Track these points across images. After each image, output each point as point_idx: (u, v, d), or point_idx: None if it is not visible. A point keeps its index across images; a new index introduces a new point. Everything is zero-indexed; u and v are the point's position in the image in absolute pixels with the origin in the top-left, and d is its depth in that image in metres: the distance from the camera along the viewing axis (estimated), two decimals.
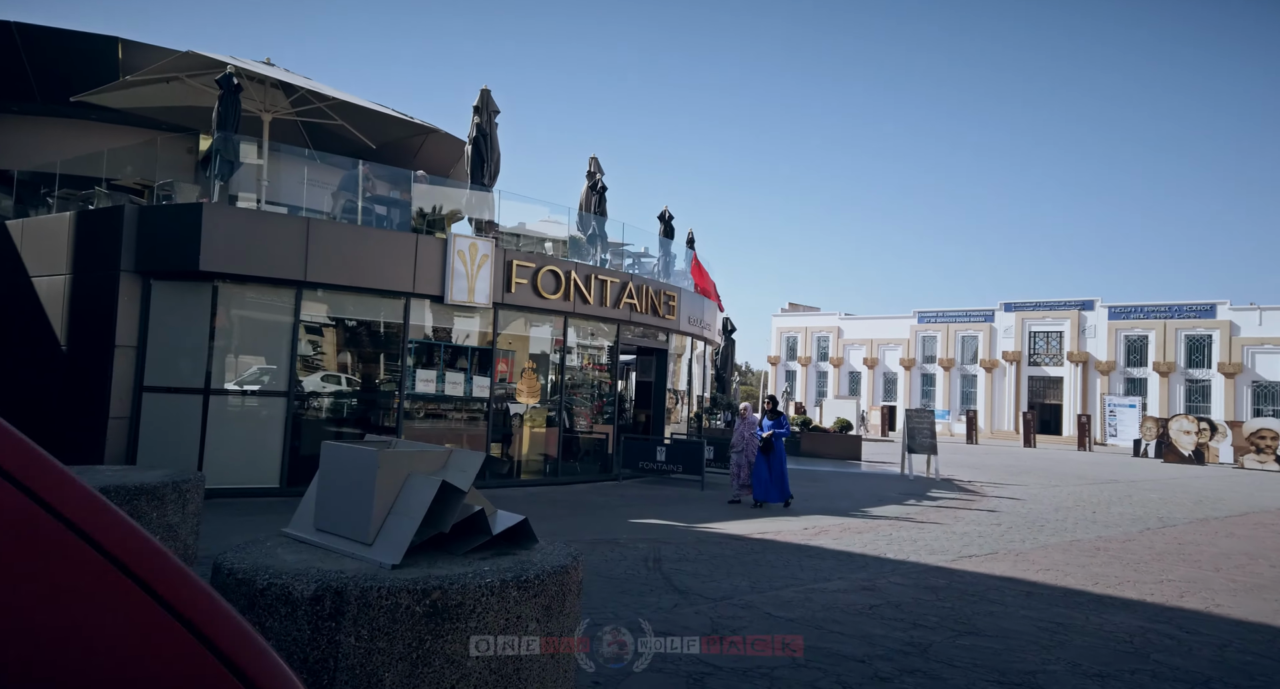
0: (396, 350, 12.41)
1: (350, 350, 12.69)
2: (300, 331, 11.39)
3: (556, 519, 10.18)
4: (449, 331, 13.43)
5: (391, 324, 12.50)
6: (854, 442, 24.01)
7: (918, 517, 11.96)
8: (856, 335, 60.26)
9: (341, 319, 12.47)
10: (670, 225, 18.33)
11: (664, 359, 17.05)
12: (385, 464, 2.85)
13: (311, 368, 11.98)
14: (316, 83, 14.68)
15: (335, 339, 12.35)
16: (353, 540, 2.86)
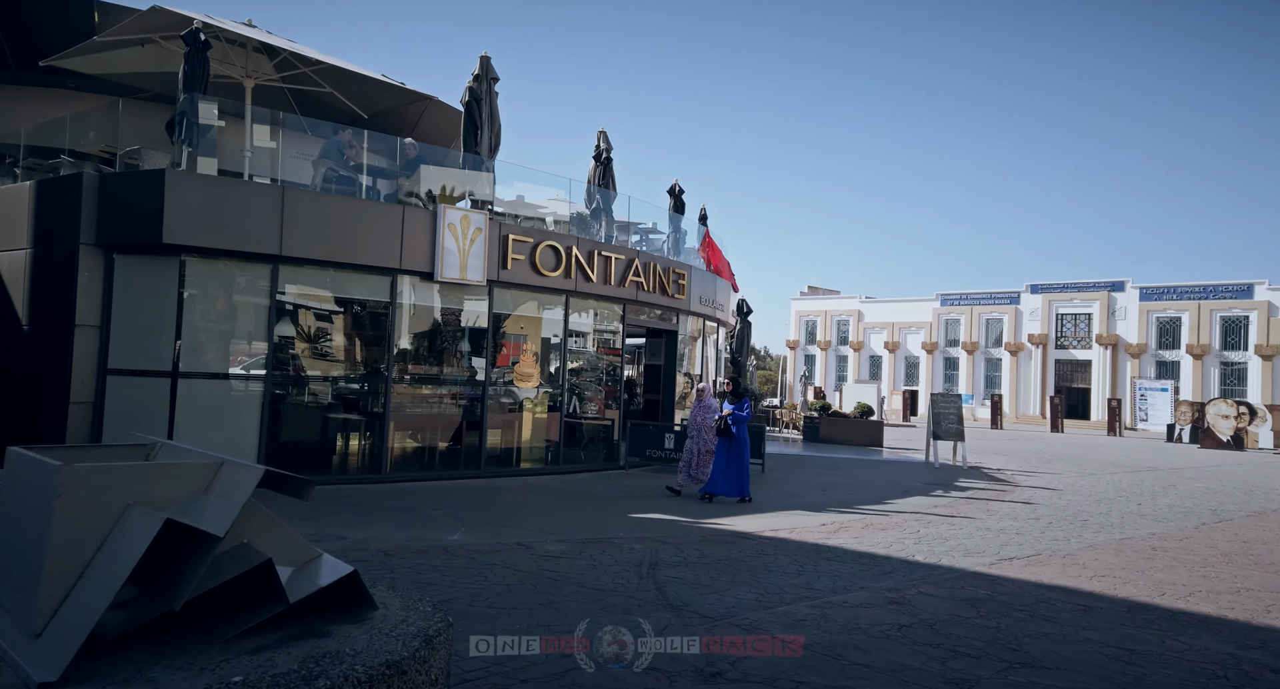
0: (384, 331, 11.54)
1: (334, 331, 11.84)
2: (278, 311, 10.53)
3: (550, 513, 9.29)
4: (440, 311, 12.55)
5: (378, 303, 11.62)
6: (875, 427, 22.97)
7: (947, 510, 10.96)
8: (877, 319, 58.90)
9: (323, 297, 11.61)
10: (681, 200, 17.30)
11: (674, 341, 16.09)
12: (75, 490, 1.69)
13: (291, 350, 11.13)
14: (302, 46, 13.77)
15: (317, 319, 11.50)
16: (17, 627, 1.73)
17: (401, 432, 11.93)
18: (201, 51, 10.41)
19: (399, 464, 11.75)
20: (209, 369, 10.21)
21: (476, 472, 12.19)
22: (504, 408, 13.10)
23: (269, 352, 10.35)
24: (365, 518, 8.42)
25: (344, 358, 11.83)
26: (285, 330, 10.97)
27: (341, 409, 11.52)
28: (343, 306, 11.83)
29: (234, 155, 12.28)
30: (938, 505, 11.43)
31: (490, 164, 13.81)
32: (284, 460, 10.66)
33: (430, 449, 12.35)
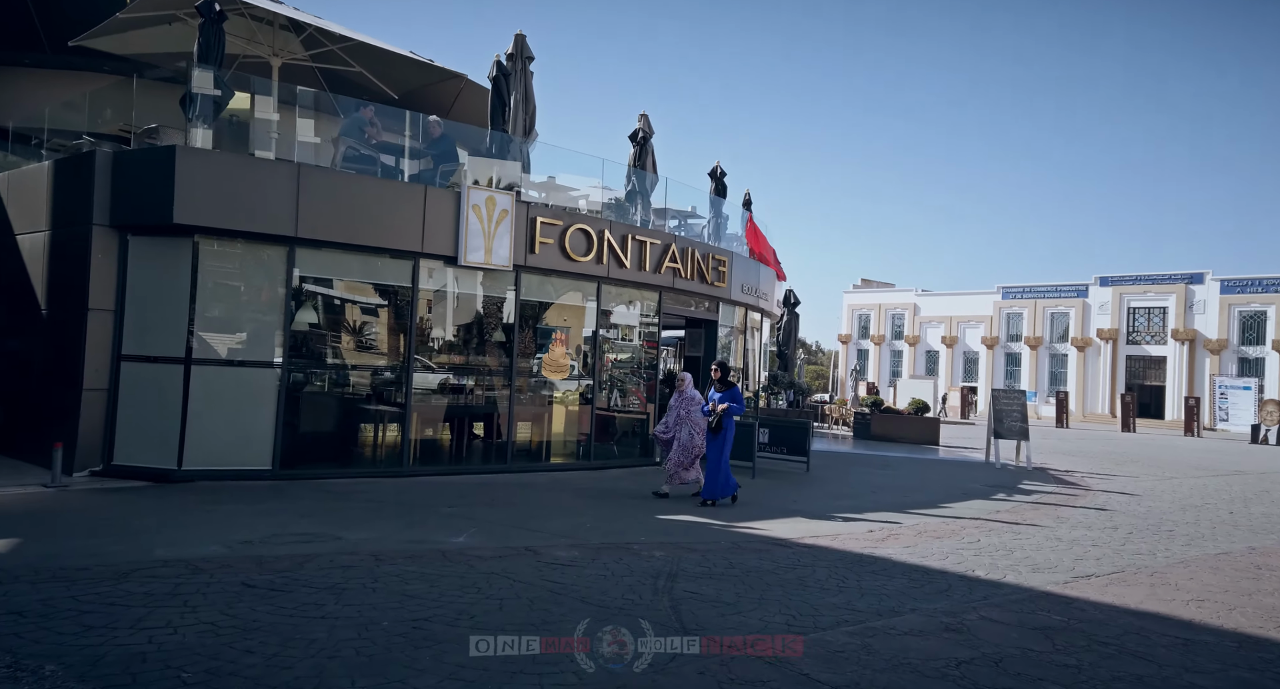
0: (405, 318, 10.98)
1: (353, 317, 11.31)
2: (295, 295, 10.04)
3: (571, 513, 8.59)
4: (464, 297, 11.95)
5: (399, 288, 11.06)
6: (931, 425, 21.76)
7: (1011, 516, 9.93)
8: (934, 312, 56.95)
9: (342, 282, 11.10)
10: (723, 183, 16.42)
11: (714, 331, 15.24)
12: None
13: (308, 336, 10.63)
14: (330, 22, 13.30)
15: (336, 304, 10.98)
16: None
17: (424, 423, 11.38)
18: (216, 23, 9.94)
19: (422, 457, 11.20)
20: (224, 356, 9.76)
21: (503, 466, 11.58)
22: (532, 400, 12.46)
23: (285, 338, 9.86)
24: (374, 515, 7.84)
25: (364, 345, 11.31)
26: (303, 316, 10.48)
27: (362, 399, 11.01)
28: (363, 291, 11.32)
29: (261, 137, 11.89)
30: (1000, 511, 10.39)
31: (526, 145, 13.19)
32: (302, 452, 10.20)
33: (455, 442, 11.78)
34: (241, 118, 11.86)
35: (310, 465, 10.17)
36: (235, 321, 9.95)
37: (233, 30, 12.74)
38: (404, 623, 4.47)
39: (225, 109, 10.65)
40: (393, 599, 4.93)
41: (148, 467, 9.26)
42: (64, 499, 7.96)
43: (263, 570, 5.36)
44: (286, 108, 12.21)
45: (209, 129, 9.89)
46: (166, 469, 9.24)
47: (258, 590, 4.91)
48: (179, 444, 9.30)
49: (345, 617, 4.50)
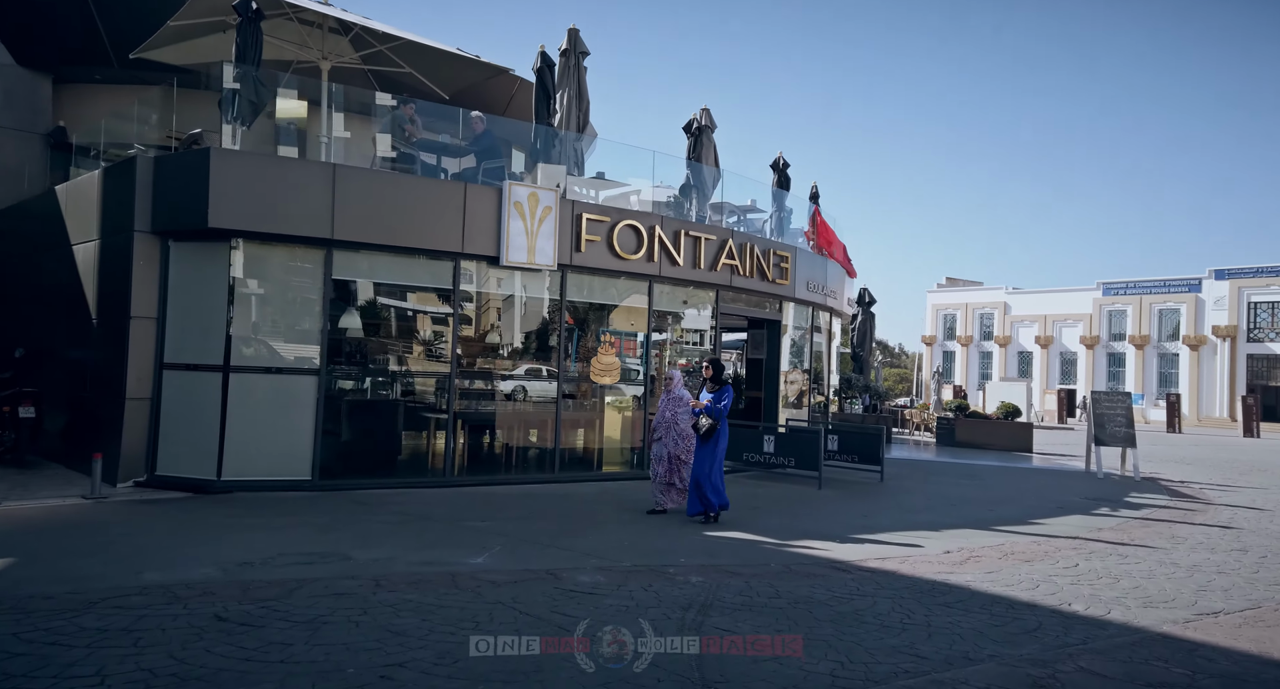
0: (447, 321, 10.52)
1: (392, 321, 10.92)
2: (333, 299, 9.70)
3: (611, 528, 7.87)
4: (508, 299, 11.43)
5: (440, 290, 10.62)
6: (1022, 430, 20.15)
7: (1116, 535, 8.70)
8: (1027, 311, 53.94)
9: (381, 285, 10.72)
10: (786, 175, 15.50)
11: (776, 332, 14.33)
12: None
13: (347, 341, 10.29)
14: (377, 23, 13.06)
15: (374, 308, 10.60)
16: None
17: (468, 431, 10.90)
18: (254, 22, 9.70)
19: (466, 467, 10.72)
20: (262, 363, 9.47)
21: (550, 475, 10.97)
22: (581, 406, 11.83)
23: (324, 344, 9.50)
24: (399, 530, 7.32)
25: (405, 350, 10.91)
26: (341, 321, 10.14)
27: (403, 406, 10.58)
28: (403, 294, 10.93)
29: (312, 142, 11.71)
30: (1103, 528, 9.15)
31: (580, 143, 12.63)
32: (342, 461, 9.84)
33: (501, 450, 11.26)
34: (299, 124, 11.69)
35: (351, 476, 9.78)
36: (273, 327, 9.68)
37: (283, 35, 12.69)
38: (373, 670, 3.85)
39: (275, 112, 10.46)
40: (374, 637, 4.31)
41: (189, 477, 9.04)
42: (94, 512, 7.73)
43: (245, 599, 4.84)
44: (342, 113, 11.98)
45: (246, 130, 9.67)
46: (206, 480, 8.99)
47: (227, 625, 4.38)
48: (218, 454, 9.04)
49: (308, 661, 3.91)
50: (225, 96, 9.62)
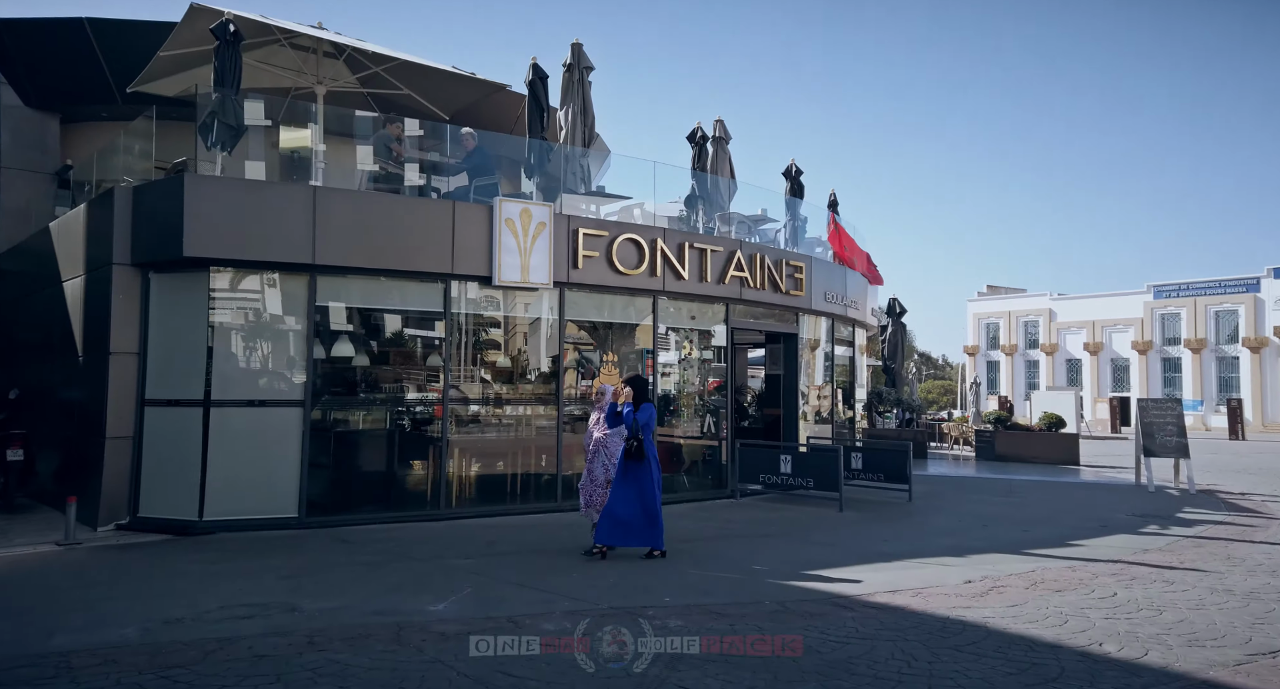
0: (438, 346, 10.12)
1: (381, 348, 10.54)
2: (318, 327, 9.36)
3: (601, 561, 7.28)
4: (503, 321, 11.00)
5: (430, 314, 10.25)
6: (1067, 442, 19.05)
7: (1163, 557, 7.85)
8: (1073, 317, 52.15)
9: (369, 310, 10.36)
10: (799, 182, 14.91)
11: (794, 345, 13.67)
12: None
13: (334, 370, 9.93)
14: (371, 44, 12.87)
15: (362, 335, 10.24)
16: None
17: (464, 460, 10.41)
18: (233, 45, 9.49)
19: (462, 498, 10.24)
20: (243, 396, 9.08)
21: (551, 505, 10.44)
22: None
23: (308, 374, 9.15)
24: (369, 573, 6.83)
25: (395, 378, 10.51)
26: (327, 349, 9.80)
27: (394, 436, 10.17)
28: (391, 319, 10.56)
29: (307, 165, 11.48)
30: (1149, 550, 8.30)
31: (586, 157, 12.25)
32: (330, 497, 9.45)
33: (498, 480, 10.76)
34: (302, 153, 11.42)
35: (340, 511, 9.38)
36: (255, 359, 9.34)
37: (279, 62, 12.57)
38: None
39: (279, 142, 10.21)
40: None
41: (171, 518, 8.71)
42: (60, 561, 7.41)
43: (151, 666, 4.37)
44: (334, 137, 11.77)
45: (228, 155, 9.42)
46: (188, 521, 8.63)
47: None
48: (200, 494, 8.68)
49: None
50: (203, 123, 9.38)
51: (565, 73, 12.12)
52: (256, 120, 10.34)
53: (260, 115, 10.13)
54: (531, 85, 11.30)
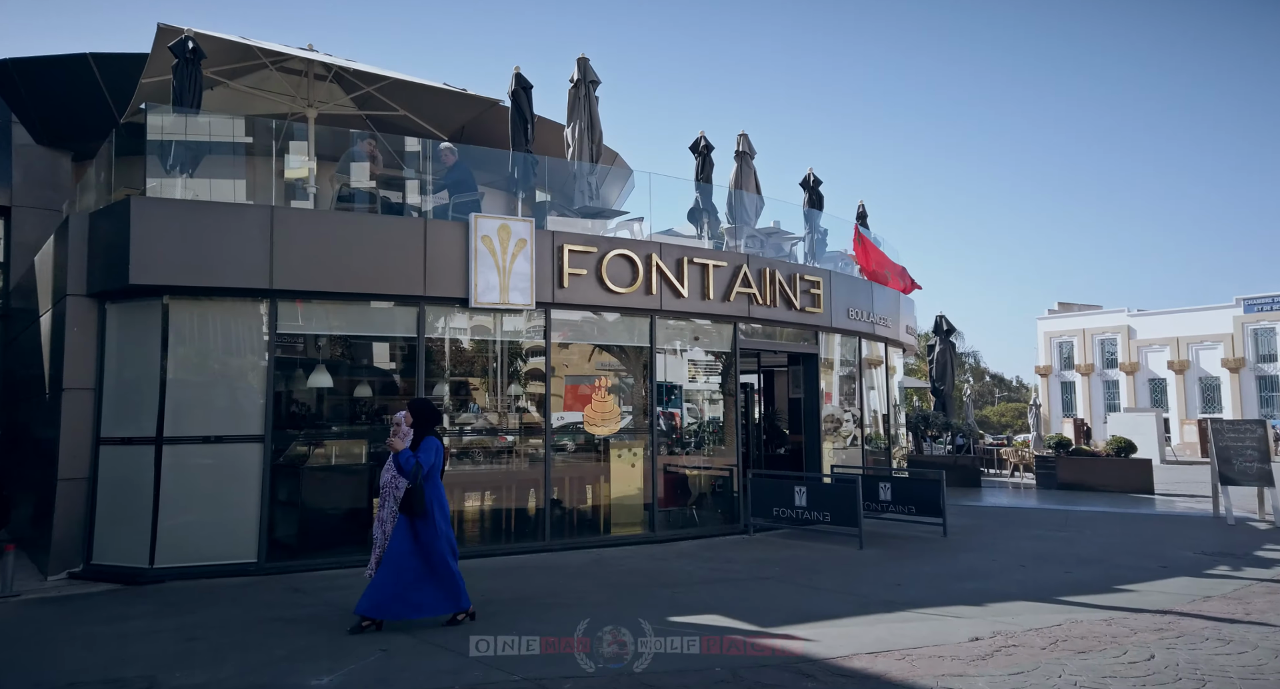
0: (411, 374, 9.46)
1: (349, 378, 9.98)
2: (279, 358, 8.82)
3: (559, 610, 6.42)
4: (483, 345, 10.33)
5: (403, 340, 9.65)
6: (1139, 468, 17.29)
7: (1224, 607, 6.56)
8: (1155, 334, 48.99)
9: (335, 337, 9.81)
10: (818, 193, 13.99)
11: (813, 367, 12.63)
12: None
13: (297, 403, 9.41)
14: (361, 63, 12.59)
15: (328, 364, 9.69)
16: None
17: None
18: (193, 63, 9.19)
19: None
20: (198, 432, 8.50)
21: (539, 544, 9.64)
22: (575, 461, 10.50)
23: (268, 407, 8.57)
24: (281, 631, 6.00)
25: (364, 408, 9.93)
26: (289, 380, 9.29)
27: (364, 473, 9.49)
28: (360, 347, 10.00)
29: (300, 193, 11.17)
30: (1211, 597, 6.99)
31: (593, 174, 11.68)
32: (293, 540, 8.86)
33: (479, 518, 10.03)
34: (304, 182, 11.10)
35: (303, 555, 8.69)
36: (212, 392, 8.74)
37: (271, 87, 12.40)
38: None
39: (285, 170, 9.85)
40: None
41: (121, 566, 8.14)
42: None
43: None
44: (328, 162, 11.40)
45: (189, 177, 9.09)
46: (137, 569, 8.06)
47: None
48: (150, 539, 8.12)
49: None
50: (153, 145, 8.91)
51: (572, 89, 11.66)
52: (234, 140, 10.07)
53: (239, 136, 9.84)
54: (514, 95, 10.76)
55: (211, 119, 9.30)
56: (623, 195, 15.86)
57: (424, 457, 6.01)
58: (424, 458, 6.00)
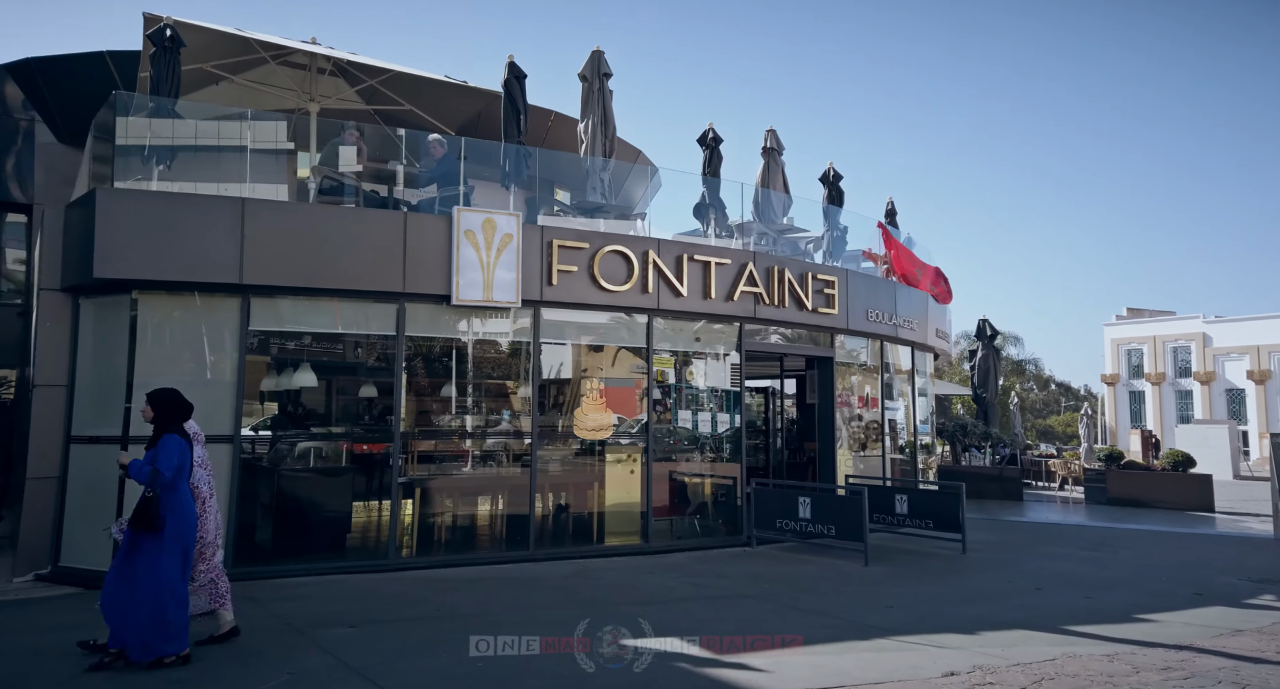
0: (390, 375, 9.13)
1: (324, 377, 9.65)
2: (250, 354, 8.55)
3: (509, 627, 5.97)
4: (467, 345, 9.96)
5: (381, 338, 9.34)
6: (1197, 484, 16.02)
7: (1251, 644, 5.74)
8: (1232, 342, 46.26)
9: (310, 335, 9.48)
10: (838, 189, 13.29)
11: (828, 370, 11.94)
12: None
13: (270, 402, 9.18)
14: (363, 57, 12.44)
15: (302, 363, 9.41)
16: None
17: (420, 503, 9.35)
18: (171, 52, 9.04)
19: (418, 545, 9.16)
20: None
21: (523, 553, 9.21)
22: (563, 467, 10.04)
23: (238, 406, 8.27)
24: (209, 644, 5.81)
25: (341, 410, 9.66)
26: (261, 378, 9.04)
27: (337, 475, 9.20)
28: (337, 345, 9.70)
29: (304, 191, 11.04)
30: (1241, 630, 6.15)
31: (606, 170, 11.30)
32: (265, 544, 8.61)
33: (461, 525, 9.66)
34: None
35: (274, 560, 8.39)
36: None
37: (276, 82, 12.36)
38: None
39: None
40: None
41: (86, 569, 7.87)
42: None
43: None
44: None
45: (166, 169, 8.94)
46: (100, 572, 7.80)
47: None
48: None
49: None
50: (123, 135, 8.70)
51: (584, 84, 11.31)
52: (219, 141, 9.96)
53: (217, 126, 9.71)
54: (507, 85, 10.40)
55: (188, 106, 9.08)
56: (647, 195, 15.40)
57: (163, 460, 5.00)
58: (163, 462, 4.99)
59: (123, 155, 8.55)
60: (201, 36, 10.29)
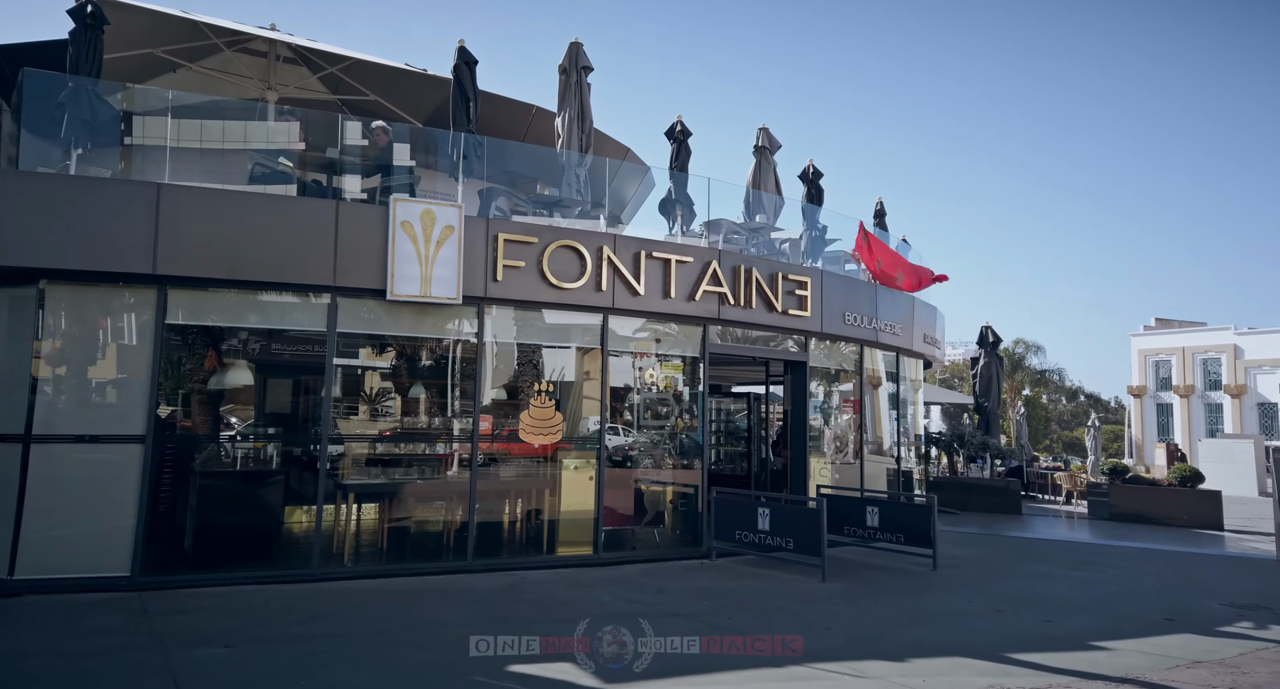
0: (319, 373, 8.68)
1: (247, 375, 9.26)
2: (166, 350, 8.10)
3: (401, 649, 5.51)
4: (403, 342, 9.54)
5: (310, 334, 8.90)
6: (1206, 501, 15.14)
7: (1205, 676, 5.12)
8: (1264, 354, 44.53)
9: (232, 330, 9.06)
10: (818, 187, 12.73)
11: (801, 376, 11.36)
12: None
13: (187, 402, 8.77)
14: (324, 44, 12.14)
15: (224, 360, 9.02)
16: None
17: (346, 509, 8.91)
18: (93, 28, 8.69)
19: (342, 554, 8.75)
20: (72, 430, 7.77)
21: (460, 564, 8.73)
22: (506, 473, 9.59)
23: (151, 405, 7.82)
24: (68, 667, 5.38)
25: (263, 411, 9.25)
26: (178, 376, 8.64)
27: (262, 479, 8.74)
28: (262, 342, 9.27)
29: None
30: (1201, 661, 5.50)
31: (582, 166, 10.87)
32: (176, 552, 8.21)
33: (395, 533, 9.21)
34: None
35: (187, 570, 7.94)
36: (90, 387, 8.07)
37: (236, 70, 12.12)
38: None
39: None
40: None
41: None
42: None
43: None
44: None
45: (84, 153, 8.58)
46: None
47: None
48: (12, 547, 7.39)
49: None
50: (30, 115, 8.33)
51: (563, 77, 10.91)
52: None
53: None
54: (457, 70, 9.97)
55: (100, 85, 8.66)
56: (638, 195, 14.95)
57: None
58: None
59: (33, 136, 8.21)
60: (144, 18, 10.03)
